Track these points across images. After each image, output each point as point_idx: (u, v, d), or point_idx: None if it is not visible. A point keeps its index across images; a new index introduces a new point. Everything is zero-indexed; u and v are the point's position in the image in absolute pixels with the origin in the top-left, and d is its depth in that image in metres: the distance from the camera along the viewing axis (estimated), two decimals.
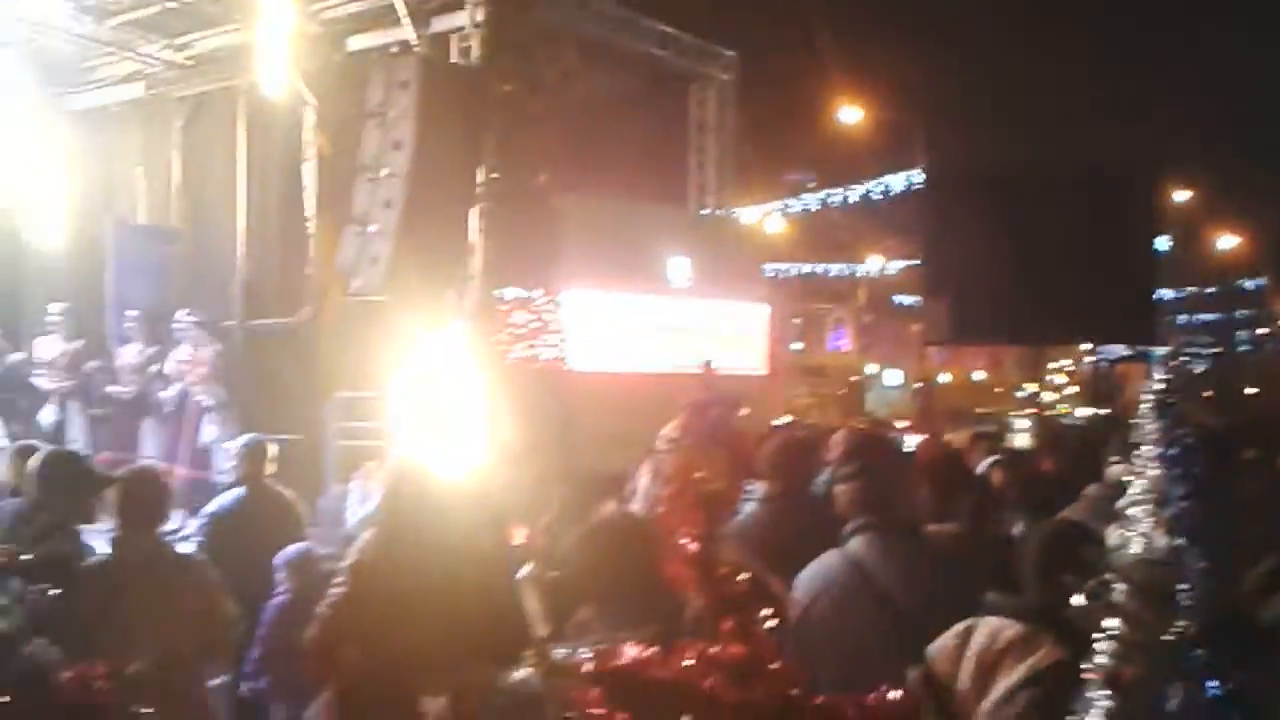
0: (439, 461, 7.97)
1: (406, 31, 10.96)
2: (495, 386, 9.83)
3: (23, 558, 4.43)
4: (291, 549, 7.37)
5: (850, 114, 23.28)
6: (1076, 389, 37.92)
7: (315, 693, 5.39)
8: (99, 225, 13.41)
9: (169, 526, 5.76)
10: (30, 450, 6.72)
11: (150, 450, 11.71)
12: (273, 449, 7.99)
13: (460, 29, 11.00)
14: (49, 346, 11.92)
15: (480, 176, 10.69)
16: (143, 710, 3.09)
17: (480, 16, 10.80)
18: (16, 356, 11.70)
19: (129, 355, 12.20)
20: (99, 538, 5.50)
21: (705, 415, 2.45)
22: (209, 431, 11.46)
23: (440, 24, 11.10)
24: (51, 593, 4.27)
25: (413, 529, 5.04)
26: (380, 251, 10.34)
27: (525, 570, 4.72)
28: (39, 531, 5.04)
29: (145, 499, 4.97)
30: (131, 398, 11.99)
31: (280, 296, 12.64)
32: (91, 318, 12.70)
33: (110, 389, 12.02)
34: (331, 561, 7.68)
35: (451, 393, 10.28)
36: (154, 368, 11.99)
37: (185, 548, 6.28)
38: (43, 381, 11.79)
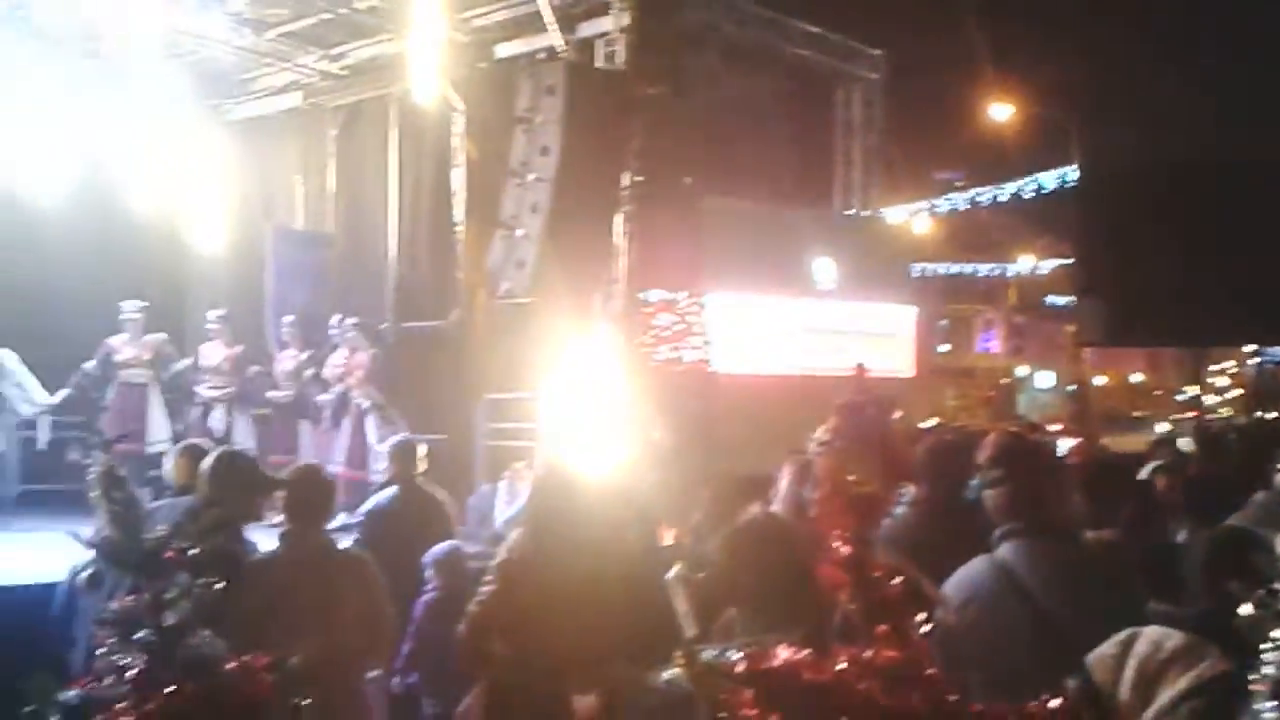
0: (586, 461, 8.07)
1: (553, 38, 11.09)
2: (640, 388, 9.91)
3: (190, 552, 4.61)
4: (440, 547, 7.53)
5: (1000, 110, 22.82)
6: (1240, 391, 36.55)
7: (465, 688, 5.49)
8: (258, 232, 13.86)
9: (332, 524, 5.91)
10: (197, 450, 6.99)
11: (308, 452, 12.02)
12: (422, 449, 8.16)
13: (606, 34, 11.08)
14: (212, 352, 12.29)
15: (625, 180, 10.75)
16: (303, 702, 3.17)
17: (625, 21, 10.86)
18: (184, 363, 12.10)
19: (286, 360, 12.52)
20: (263, 534, 5.69)
21: (858, 417, 2.43)
22: (370, 433, 11.73)
23: (586, 29, 11.20)
24: (218, 586, 4.41)
25: (560, 528, 5.11)
26: (527, 255, 10.49)
27: (673, 570, 4.75)
28: (206, 527, 5.22)
29: (312, 497, 5.11)
30: (289, 401, 12.32)
31: (431, 300, 12.91)
32: (250, 322, 13.12)
33: (270, 393, 12.35)
34: (479, 560, 7.84)
35: (598, 394, 10.40)
36: (309, 371, 12.29)
37: (346, 545, 6.43)
38: (204, 388, 12.15)
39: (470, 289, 12.32)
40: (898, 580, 2.40)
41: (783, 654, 2.29)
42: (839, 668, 2.23)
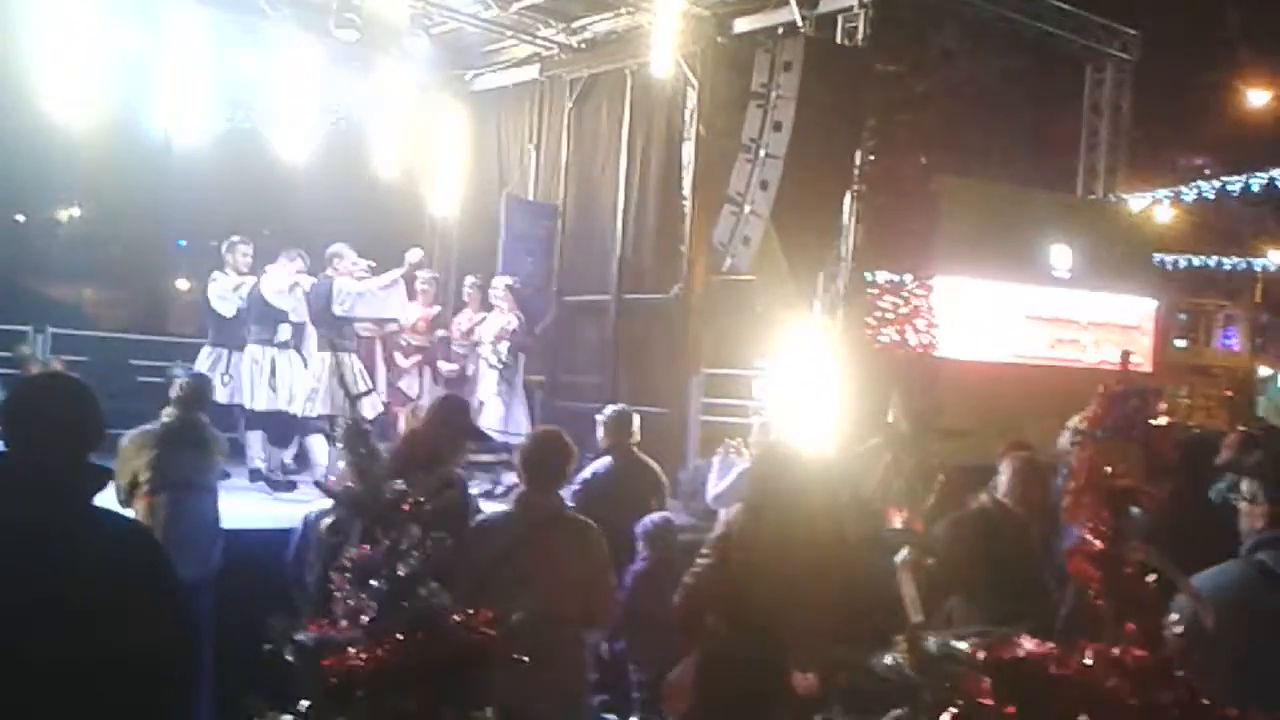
0: (808, 441, 8.03)
1: (792, 13, 10.99)
2: (867, 370, 9.78)
3: (425, 507, 4.77)
4: (652, 518, 7.61)
5: (1256, 95, 21.54)
6: None
7: (672, 657, 5.55)
8: (492, 200, 14.22)
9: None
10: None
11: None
12: (636, 419, 8.22)
13: (847, 9, 10.91)
14: (411, 311, 12.35)
15: (858, 159, 10.60)
16: (523, 657, 3.25)
17: None
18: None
19: (460, 321, 12.39)
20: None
21: (1120, 407, 2.32)
22: (482, 390, 11.62)
23: (827, 5, 11.04)
24: (449, 542, 4.54)
25: (779, 507, 5.10)
26: (753, 232, 10.44)
27: (901, 555, 4.69)
28: (439, 482, 5.39)
29: (550, 460, 5.21)
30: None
31: (655, 273, 13.02)
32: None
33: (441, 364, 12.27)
34: (690, 532, 7.91)
35: (819, 374, 10.32)
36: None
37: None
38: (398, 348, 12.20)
39: (693, 263, 12.38)
40: (1150, 578, 2.31)
41: (1027, 645, 2.22)
42: (1085, 663, 2.16)
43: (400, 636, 3.03)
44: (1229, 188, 20.12)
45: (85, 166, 11.88)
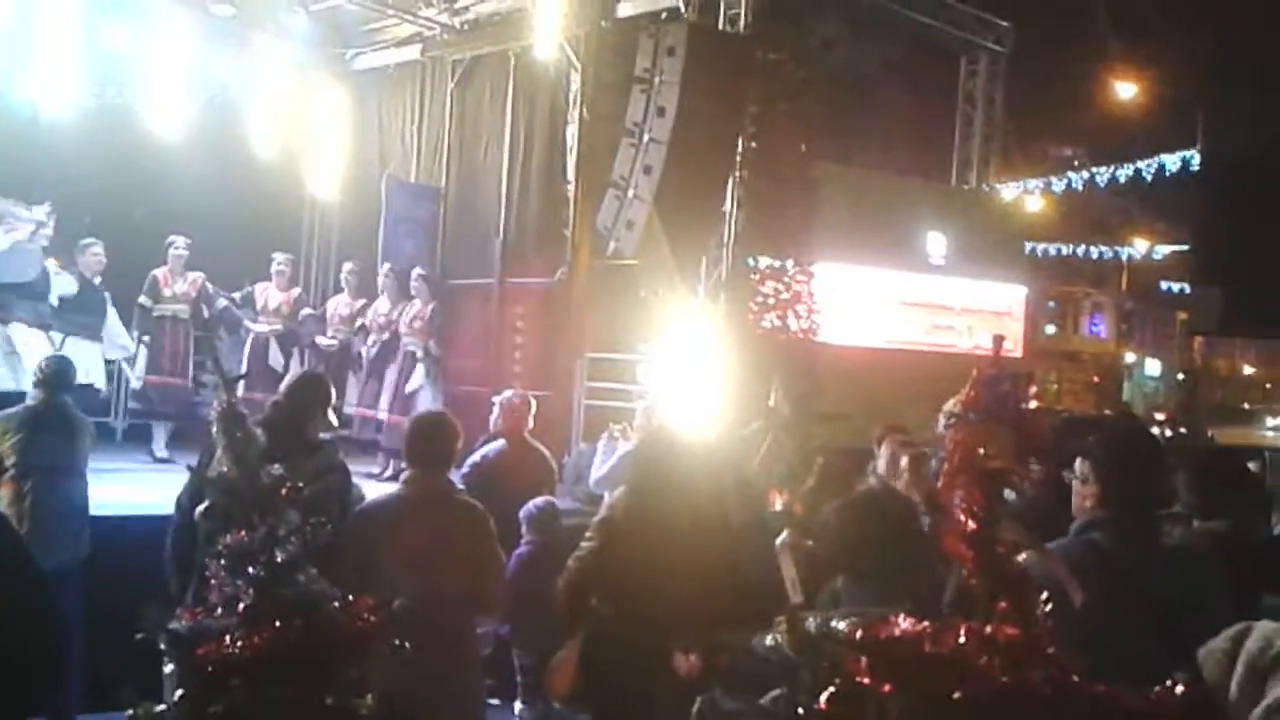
0: (690, 425, 8.09)
1: None
2: (749, 355, 9.88)
3: (303, 492, 4.70)
4: (535, 502, 7.61)
5: (1124, 89, 22.23)
6: None
7: (555, 641, 5.55)
8: (374, 181, 14.03)
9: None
10: None
11: (352, 397, 12.18)
12: (533, 404, 8.22)
13: None
14: (269, 294, 12.36)
15: (740, 144, 10.68)
16: (405, 644, 3.22)
17: None
18: (224, 300, 12.23)
19: (341, 306, 12.66)
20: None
21: (992, 391, 2.37)
22: (415, 380, 11.82)
23: None
24: (327, 527, 4.47)
25: (662, 490, 5.13)
26: (637, 216, 10.47)
27: (781, 537, 4.75)
28: (319, 468, 5.32)
29: (437, 444, 5.16)
30: (336, 348, 12.38)
31: (538, 256, 12.97)
32: (366, 273, 13.32)
33: (319, 339, 12.46)
34: (574, 516, 7.92)
35: (702, 358, 10.39)
36: (360, 320, 12.41)
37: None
38: (257, 325, 12.23)
39: (577, 247, 12.36)
40: (1021, 558, 2.37)
41: (903, 624, 2.27)
42: (959, 641, 2.21)
43: (278, 624, 2.98)
44: (1097, 178, 20.73)
45: None
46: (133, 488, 9.19)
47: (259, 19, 12.67)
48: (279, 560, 3.16)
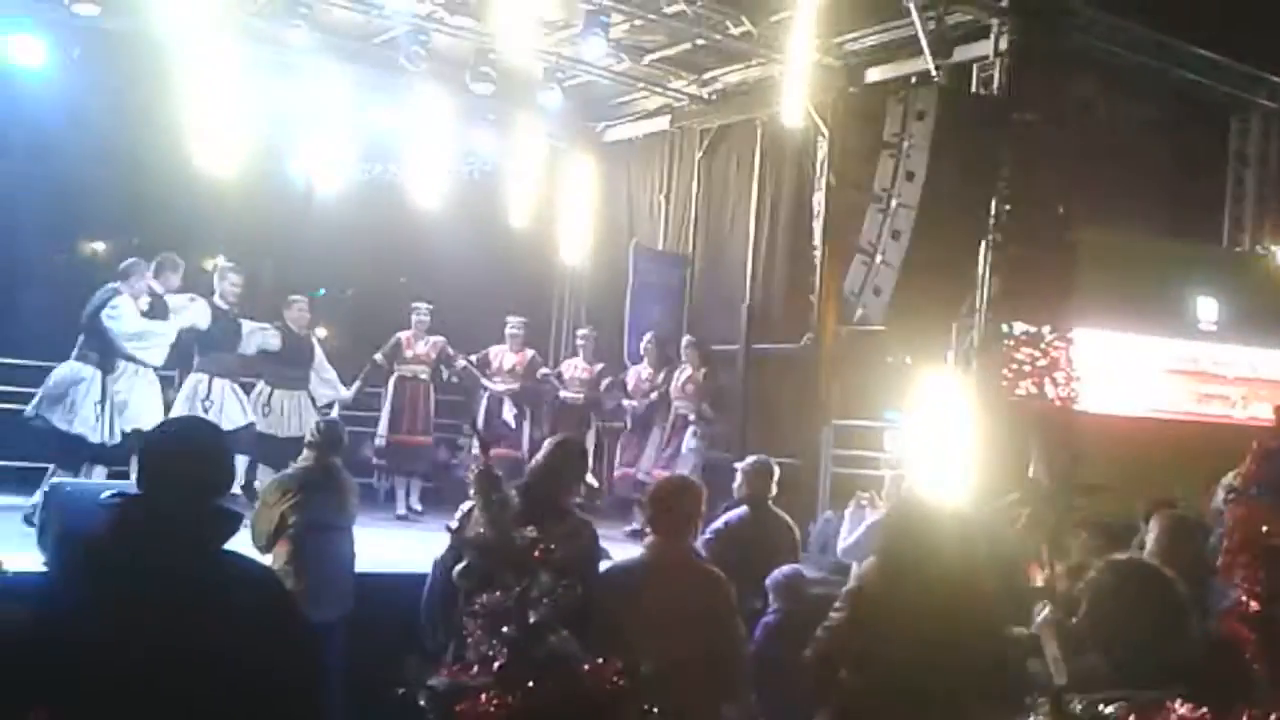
0: (944, 495, 7.86)
1: (926, 62, 10.87)
2: (1001, 422, 9.56)
3: (554, 555, 4.75)
4: (783, 570, 7.52)
5: None
6: None
7: (805, 712, 5.42)
8: (622, 250, 14.32)
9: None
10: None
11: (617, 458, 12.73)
12: (776, 471, 8.16)
13: (982, 59, 10.75)
14: (503, 356, 12.89)
15: (993, 208, 10.41)
16: (653, 709, 3.20)
17: (1004, 45, 10.51)
18: (463, 361, 12.69)
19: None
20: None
21: (1275, 464, 2.19)
22: (686, 443, 12.01)
23: (962, 53, 10.86)
24: (578, 590, 4.51)
25: (913, 561, 4.96)
26: (885, 282, 10.30)
27: (1043, 614, 4.53)
28: (568, 531, 5.38)
29: (681, 508, 5.16)
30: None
31: (784, 322, 12.95)
32: (610, 338, 13.60)
33: (563, 393, 12.94)
34: (820, 586, 7.77)
35: (954, 426, 10.10)
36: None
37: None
38: (494, 383, 12.78)
39: (824, 313, 12.28)
40: None
41: (1179, 710, 2.10)
42: None
43: (531, 684, 3.00)
44: None
45: (229, 216, 12.29)
46: (382, 544, 9.54)
47: (515, 95, 13.17)
48: (532, 621, 3.19)
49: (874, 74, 11.94)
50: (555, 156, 14.61)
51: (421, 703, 3.04)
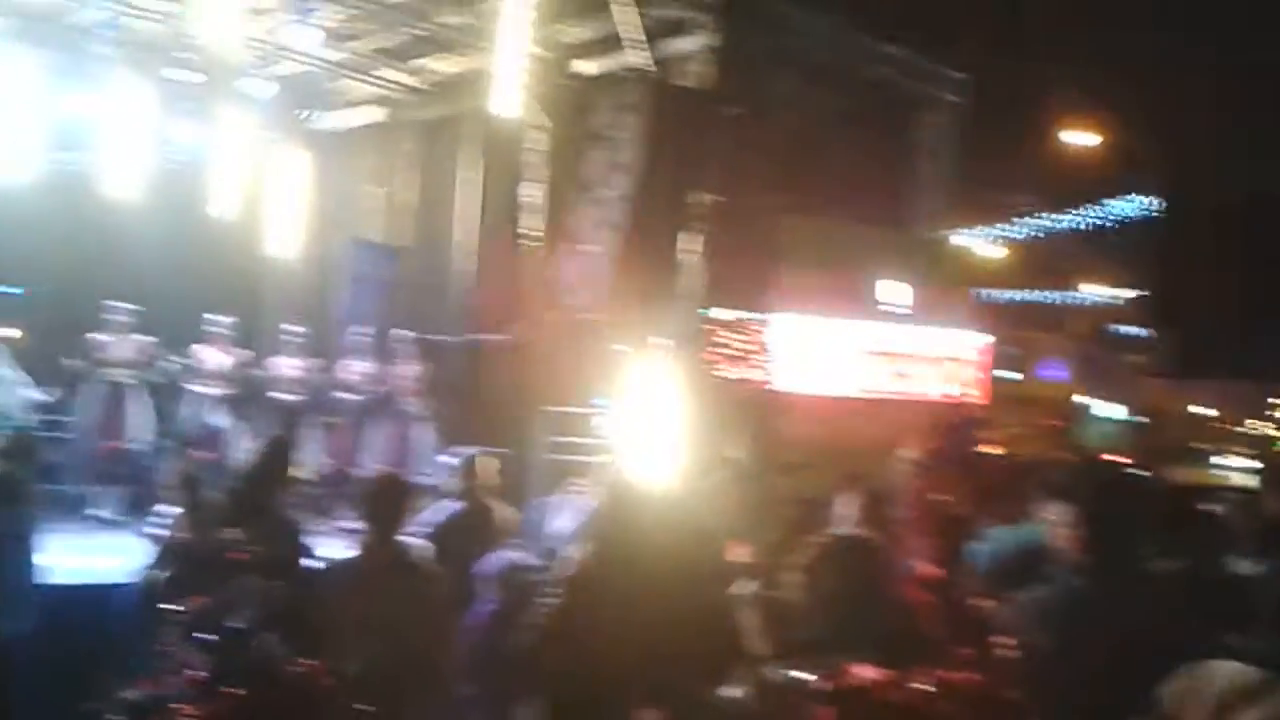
0: (653, 478, 8.06)
1: (636, 55, 11.07)
2: (710, 406, 9.88)
3: (258, 556, 4.63)
4: (497, 559, 7.52)
5: (1080, 138, 22.56)
6: None
7: (522, 700, 5.48)
8: (334, 243, 14.02)
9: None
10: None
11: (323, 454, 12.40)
12: (494, 463, 8.17)
13: (688, 53, 11.06)
14: (209, 355, 12.43)
15: (700, 199, 10.74)
16: (364, 708, 3.18)
17: (708, 41, 10.82)
18: (170, 364, 12.29)
19: (283, 367, 12.78)
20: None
21: (953, 438, 2.36)
22: (415, 439, 11.95)
23: (669, 48, 11.13)
24: (285, 591, 4.43)
25: (625, 544, 5.08)
26: (598, 271, 10.49)
27: (747, 589, 4.72)
28: (274, 529, 5.27)
29: (390, 503, 5.12)
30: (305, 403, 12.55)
31: (498, 314, 12.95)
32: (324, 332, 13.30)
33: (272, 393, 12.57)
34: (534, 573, 7.84)
35: (664, 411, 10.37)
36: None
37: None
38: (201, 387, 12.30)
39: (537, 304, 12.36)
40: (984, 604, 2.37)
41: (866, 673, 2.26)
42: (922, 689, 2.20)
43: (232, 690, 2.94)
44: (1055, 225, 20.99)
45: None
46: (79, 554, 9.04)
47: (220, 83, 12.67)
48: (234, 626, 3.12)
49: (585, 66, 12.05)
50: (263, 146, 14.13)
51: (111, 719, 2.92)
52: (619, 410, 10.74)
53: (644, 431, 10.27)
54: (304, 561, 5.42)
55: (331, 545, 7.38)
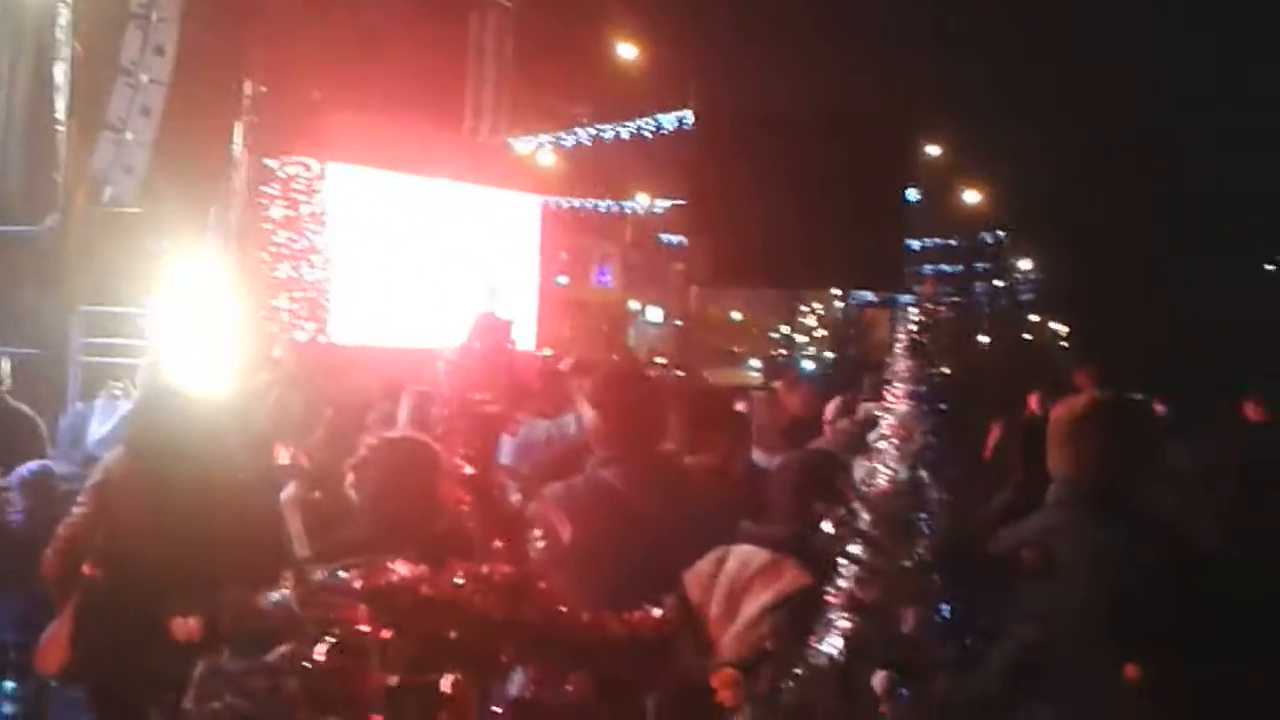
0: (194, 380, 7.78)
1: None
2: (257, 307, 9.63)
3: None
4: (28, 467, 7.06)
5: (626, 50, 23.37)
6: (825, 332, 39.51)
7: (47, 614, 5.20)
8: None
9: None
10: None
11: None
12: (5, 364, 7.60)
13: None
14: None
15: (247, 88, 10.33)
16: None
17: None
18: None
19: None
20: None
21: (488, 336, 2.43)
22: None
23: None
24: None
25: (163, 448, 4.90)
26: (136, 160, 9.90)
27: (288, 491, 4.68)
28: None
29: None
30: None
31: (26, 203, 11.93)
32: None
33: None
34: (72, 481, 7.42)
35: (210, 311, 9.99)
36: None
37: None
38: None
39: (70, 193, 11.49)
40: (515, 499, 2.49)
41: (400, 570, 2.32)
42: (456, 582, 2.29)
43: None
44: (603, 135, 21.70)
45: None
46: None
47: None
48: None
49: None
50: None
51: None
52: (165, 310, 10.24)
53: (188, 332, 9.86)
54: None
55: None
